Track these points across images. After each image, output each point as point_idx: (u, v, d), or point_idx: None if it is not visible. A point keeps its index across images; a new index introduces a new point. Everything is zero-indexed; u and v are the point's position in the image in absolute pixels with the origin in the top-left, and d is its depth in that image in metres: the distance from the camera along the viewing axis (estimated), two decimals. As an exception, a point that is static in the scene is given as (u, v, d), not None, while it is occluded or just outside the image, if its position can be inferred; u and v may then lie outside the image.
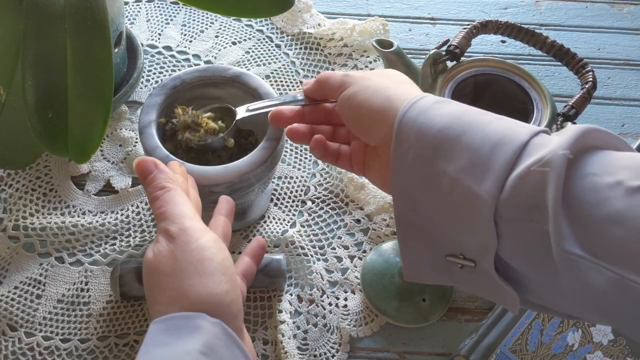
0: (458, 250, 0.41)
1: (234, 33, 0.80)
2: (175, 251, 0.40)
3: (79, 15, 0.49)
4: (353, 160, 0.50)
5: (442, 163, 0.40)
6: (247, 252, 0.52)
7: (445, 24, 0.84)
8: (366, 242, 0.64)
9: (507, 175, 0.37)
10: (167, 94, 0.58)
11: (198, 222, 0.42)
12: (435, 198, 0.40)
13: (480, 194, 0.37)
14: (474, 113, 0.41)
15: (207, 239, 0.41)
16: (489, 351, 0.55)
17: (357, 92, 0.46)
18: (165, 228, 0.42)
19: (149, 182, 0.45)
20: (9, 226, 0.63)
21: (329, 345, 0.58)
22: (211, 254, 0.41)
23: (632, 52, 0.82)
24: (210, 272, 0.40)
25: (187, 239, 0.41)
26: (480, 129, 0.39)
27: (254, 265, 0.51)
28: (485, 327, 0.57)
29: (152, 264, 0.41)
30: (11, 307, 0.58)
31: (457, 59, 0.62)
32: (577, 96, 0.59)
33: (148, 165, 0.45)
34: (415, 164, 0.41)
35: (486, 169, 0.38)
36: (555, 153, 0.35)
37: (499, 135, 0.39)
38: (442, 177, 0.39)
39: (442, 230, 0.42)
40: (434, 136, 0.40)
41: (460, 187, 0.39)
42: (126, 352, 0.56)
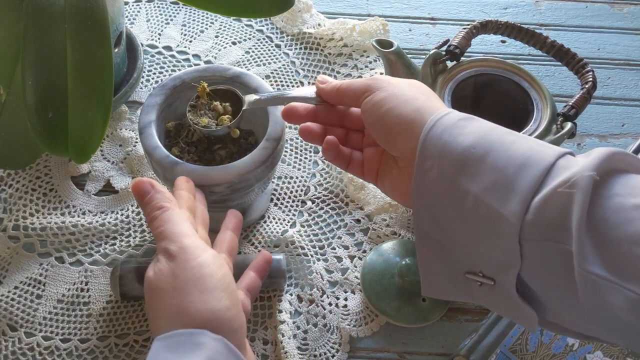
0: (478, 268, 0.41)
1: (234, 33, 0.80)
2: (175, 269, 0.41)
3: (79, 15, 0.49)
4: (365, 167, 0.49)
5: (466, 182, 0.40)
6: (252, 266, 0.52)
7: (445, 24, 0.84)
8: (366, 242, 0.64)
9: (532, 197, 0.37)
10: (167, 94, 0.58)
11: (197, 240, 0.43)
12: (457, 216, 0.40)
13: (504, 215, 0.37)
14: (499, 132, 0.41)
15: (206, 256, 0.42)
16: (489, 351, 0.55)
17: (385, 98, 0.45)
18: (164, 247, 0.42)
19: (146, 202, 0.45)
20: (9, 226, 0.63)
21: (329, 345, 0.58)
22: (211, 271, 0.41)
23: (632, 52, 0.82)
24: (211, 289, 0.40)
25: (187, 257, 0.41)
26: (505, 149, 0.40)
27: (259, 280, 0.51)
28: (485, 327, 0.57)
29: (153, 283, 0.41)
30: (11, 307, 0.58)
31: (457, 59, 0.62)
32: (577, 96, 0.59)
33: (144, 186, 0.46)
34: (439, 180, 0.41)
35: (511, 190, 0.38)
36: (582, 174, 0.35)
37: (524, 156, 0.39)
38: (466, 196, 0.40)
39: (462, 247, 0.42)
40: (458, 155, 0.40)
41: (484, 206, 0.39)
42: (126, 352, 0.56)
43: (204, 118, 0.55)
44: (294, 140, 0.71)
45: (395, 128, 0.44)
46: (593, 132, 0.74)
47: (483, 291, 0.42)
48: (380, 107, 0.45)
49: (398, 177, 0.46)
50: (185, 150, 0.61)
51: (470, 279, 0.42)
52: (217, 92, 0.57)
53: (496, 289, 0.41)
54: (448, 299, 0.46)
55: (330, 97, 0.50)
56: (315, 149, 0.71)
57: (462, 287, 0.43)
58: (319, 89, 0.51)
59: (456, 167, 0.40)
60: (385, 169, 0.48)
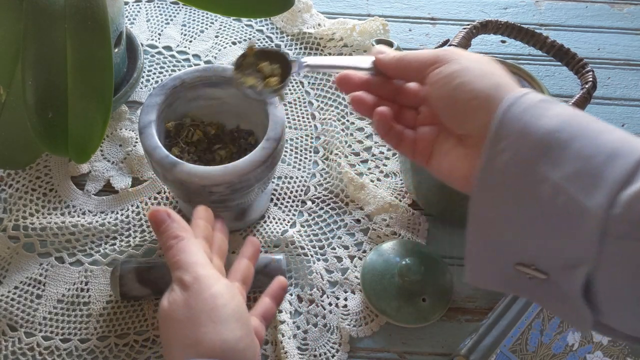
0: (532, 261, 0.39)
1: (234, 33, 0.80)
2: (189, 300, 0.41)
3: (79, 15, 0.49)
4: (418, 147, 0.46)
5: (546, 168, 0.37)
6: (268, 292, 0.51)
7: (445, 24, 0.84)
8: (366, 242, 0.64)
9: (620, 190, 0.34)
10: (167, 94, 0.58)
11: (211, 270, 0.44)
12: (528, 203, 0.38)
13: (587, 206, 0.35)
14: (585, 118, 0.39)
15: (220, 286, 0.42)
16: (489, 351, 0.55)
17: (458, 71, 0.42)
18: (179, 277, 0.43)
19: (162, 231, 0.46)
20: (9, 226, 0.63)
21: (329, 345, 0.58)
22: (224, 302, 0.42)
23: (632, 52, 0.82)
24: (224, 320, 0.41)
25: (201, 287, 0.42)
26: (593, 138, 0.37)
27: (275, 307, 0.51)
28: (485, 327, 0.57)
29: (167, 313, 0.42)
30: (11, 307, 0.58)
31: (457, 59, 0.62)
32: (577, 96, 0.59)
33: (161, 216, 0.46)
34: (513, 164, 0.38)
35: (598, 181, 0.35)
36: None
37: (613, 146, 0.36)
38: (543, 183, 0.37)
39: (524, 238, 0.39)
40: (540, 138, 0.37)
41: (563, 196, 0.36)
42: (126, 352, 0.56)
43: (250, 78, 0.51)
44: (294, 140, 0.71)
45: (469, 103, 0.41)
46: (593, 132, 0.74)
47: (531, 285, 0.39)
48: (453, 80, 0.42)
49: (459, 158, 0.43)
50: (185, 150, 0.61)
51: (520, 271, 0.39)
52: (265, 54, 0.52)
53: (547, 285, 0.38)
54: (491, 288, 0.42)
55: (389, 69, 0.46)
56: (315, 149, 0.71)
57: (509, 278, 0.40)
58: (378, 59, 0.46)
59: (536, 151, 0.37)
60: (442, 149, 0.45)
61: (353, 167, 0.69)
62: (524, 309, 0.57)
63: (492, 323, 0.57)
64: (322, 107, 0.74)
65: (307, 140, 0.71)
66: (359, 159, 0.70)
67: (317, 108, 0.74)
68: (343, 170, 0.67)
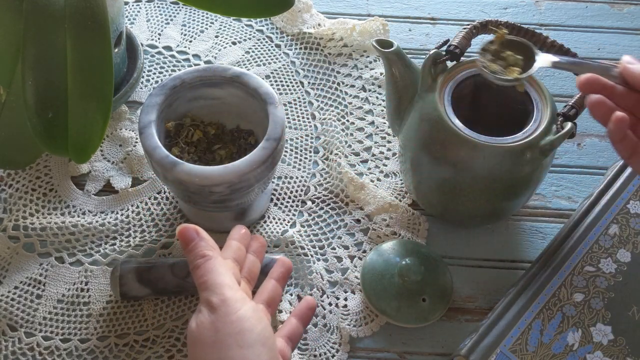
0: None
1: (234, 33, 0.80)
2: (216, 322, 0.42)
3: (79, 15, 0.49)
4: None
5: None
6: (296, 313, 0.51)
7: (445, 24, 0.84)
8: (366, 242, 0.64)
9: None
10: (167, 94, 0.58)
11: (238, 292, 0.44)
12: None
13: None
14: None
15: (246, 309, 0.42)
16: (489, 351, 0.55)
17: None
18: (207, 299, 0.43)
19: (190, 249, 0.46)
20: (9, 226, 0.63)
21: (329, 345, 0.58)
22: (251, 325, 0.42)
23: (632, 52, 0.82)
24: (250, 344, 0.41)
25: (228, 310, 0.42)
26: None
27: (302, 327, 0.51)
28: (485, 327, 0.57)
29: (195, 336, 0.42)
30: (11, 307, 0.58)
31: (457, 59, 0.62)
32: (577, 96, 0.59)
33: (190, 233, 0.46)
34: None
35: None
36: None
37: None
38: None
39: None
40: None
41: None
42: (126, 352, 0.56)
43: (494, 65, 0.53)
44: (294, 140, 0.71)
45: None
46: (593, 132, 0.74)
47: None
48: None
49: None
50: (185, 150, 0.61)
51: None
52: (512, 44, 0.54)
53: None
54: None
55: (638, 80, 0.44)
56: (315, 149, 0.71)
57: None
58: (626, 69, 0.44)
59: None
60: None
61: (353, 167, 0.69)
62: (524, 309, 0.57)
63: (492, 323, 0.57)
64: (322, 107, 0.74)
65: (307, 140, 0.71)
66: (359, 159, 0.70)
67: (317, 108, 0.74)
68: (343, 170, 0.67)
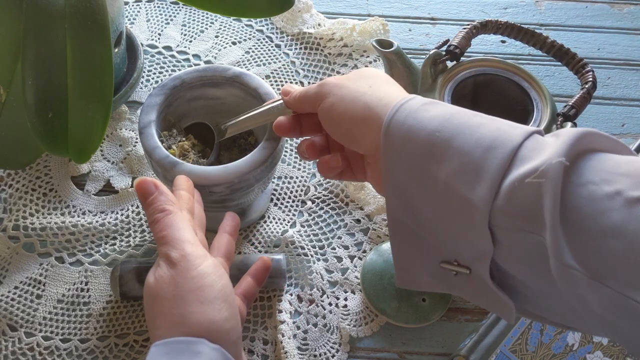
0: (452, 257, 0.40)
1: (234, 33, 0.80)
2: (176, 277, 0.41)
3: (79, 15, 0.49)
4: (354, 170, 0.49)
5: (434, 168, 0.38)
6: (251, 272, 0.51)
7: (445, 24, 0.84)
8: (366, 242, 0.64)
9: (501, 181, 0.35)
10: (167, 94, 0.58)
11: (198, 248, 0.43)
12: (428, 203, 0.40)
13: (473, 200, 0.36)
14: (464, 115, 0.40)
15: (207, 265, 0.42)
16: (489, 351, 0.55)
17: (334, 104, 0.45)
18: (166, 253, 0.42)
19: (149, 203, 0.44)
20: (9, 226, 0.63)
21: (329, 345, 0.58)
22: (211, 281, 0.41)
23: (632, 52, 0.82)
24: (210, 300, 0.40)
25: (188, 265, 0.41)
26: (471, 132, 0.38)
27: (256, 286, 0.51)
28: (485, 327, 0.57)
29: (153, 290, 0.41)
30: (11, 307, 0.58)
31: (457, 59, 0.62)
32: (577, 96, 0.59)
33: (148, 187, 0.45)
34: (407, 167, 0.40)
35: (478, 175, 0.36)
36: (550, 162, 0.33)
37: (490, 138, 0.37)
38: (435, 182, 0.38)
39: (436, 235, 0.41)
40: (424, 140, 0.39)
41: (452, 192, 0.37)
42: (126, 352, 0.56)
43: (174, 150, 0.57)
44: (294, 140, 0.71)
45: (352, 131, 0.44)
46: (593, 132, 0.74)
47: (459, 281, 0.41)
48: (332, 114, 0.45)
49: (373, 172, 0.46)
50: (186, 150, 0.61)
51: (446, 269, 0.41)
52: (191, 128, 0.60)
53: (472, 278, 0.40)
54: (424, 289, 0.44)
55: (296, 108, 0.50)
56: (315, 149, 0.71)
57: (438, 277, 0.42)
58: (285, 101, 0.51)
59: (422, 153, 0.39)
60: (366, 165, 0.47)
61: (353, 167, 0.69)
62: (524, 309, 0.57)
63: (492, 323, 0.57)
64: (322, 107, 0.74)
65: (307, 140, 0.71)
66: (359, 159, 0.70)
67: (317, 108, 0.74)
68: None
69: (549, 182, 0.33)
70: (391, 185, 0.42)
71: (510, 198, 0.35)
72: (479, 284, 0.39)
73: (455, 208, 0.38)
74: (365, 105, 0.43)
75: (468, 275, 0.40)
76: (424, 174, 0.39)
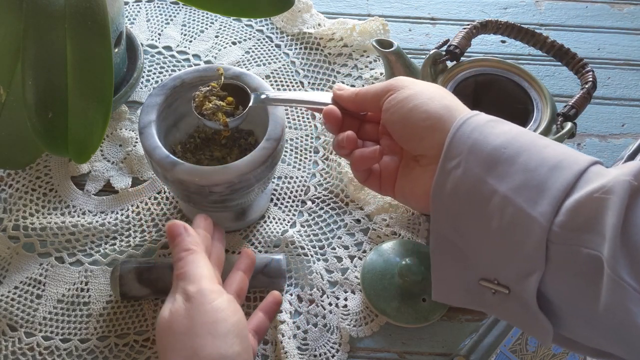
0: (493, 275, 0.41)
1: (234, 33, 0.80)
2: (191, 311, 0.42)
3: (79, 15, 0.49)
4: (383, 177, 0.48)
5: (494, 181, 0.39)
6: (262, 307, 0.52)
7: (445, 24, 0.84)
8: (366, 242, 0.64)
9: (564, 199, 0.36)
10: (167, 94, 0.58)
11: (214, 284, 0.44)
12: (480, 217, 0.40)
13: (533, 215, 0.37)
14: (531, 135, 0.41)
15: (222, 300, 0.43)
16: (489, 351, 0.55)
17: (410, 95, 0.45)
18: (183, 287, 0.43)
19: (176, 243, 0.47)
20: (9, 226, 0.63)
21: (329, 345, 0.58)
22: (225, 316, 0.42)
23: (632, 52, 0.82)
24: (223, 334, 0.41)
25: (203, 299, 0.42)
26: (537, 152, 0.39)
27: (267, 321, 0.52)
28: (485, 327, 0.57)
29: (167, 323, 0.42)
30: (11, 307, 0.58)
31: (457, 59, 0.62)
32: (577, 96, 0.59)
33: (178, 229, 0.48)
34: (464, 179, 0.40)
35: (542, 191, 0.37)
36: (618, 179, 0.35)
37: (557, 159, 0.38)
38: (492, 196, 0.39)
39: (481, 252, 0.41)
40: (488, 154, 0.40)
41: (511, 207, 0.38)
42: (126, 352, 0.56)
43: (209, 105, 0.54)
44: (294, 140, 0.71)
45: (422, 124, 0.44)
46: (593, 132, 0.74)
47: (496, 300, 0.41)
48: (407, 104, 0.45)
49: (416, 178, 0.45)
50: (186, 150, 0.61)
51: (484, 287, 0.41)
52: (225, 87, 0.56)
53: (510, 298, 0.40)
54: (459, 305, 0.44)
55: (348, 103, 0.50)
56: (315, 149, 0.71)
57: (475, 294, 0.42)
58: (337, 95, 0.50)
59: (484, 165, 0.40)
60: (403, 173, 0.47)
61: (353, 167, 0.69)
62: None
63: (492, 323, 0.57)
64: (322, 107, 0.74)
65: (307, 140, 0.71)
66: (359, 159, 0.70)
67: (317, 108, 0.74)
68: (343, 170, 0.67)
69: (615, 197, 0.34)
70: (442, 195, 0.42)
71: (572, 214, 0.36)
72: (516, 305, 0.40)
73: (511, 223, 0.38)
74: (445, 106, 0.44)
75: (506, 295, 0.40)
76: (481, 187, 0.40)
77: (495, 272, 0.41)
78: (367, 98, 0.48)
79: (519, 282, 0.39)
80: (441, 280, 0.44)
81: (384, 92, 0.47)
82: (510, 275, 0.40)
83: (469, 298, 0.43)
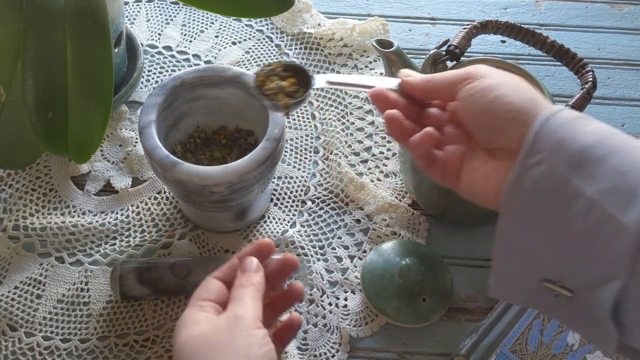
0: (558, 277, 0.39)
1: (234, 33, 0.80)
2: (234, 329, 0.42)
3: (79, 15, 0.49)
4: (448, 166, 0.46)
5: (580, 182, 0.37)
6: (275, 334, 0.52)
7: (445, 24, 0.84)
8: (366, 242, 0.64)
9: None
10: (167, 94, 0.58)
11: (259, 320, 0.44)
12: (560, 219, 0.38)
13: (623, 222, 0.35)
14: (622, 136, 0.39)
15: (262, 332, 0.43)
16: (489, 351, 0.55)
17: (492, 85, 0.43)
18: (235, 308, 0.44)
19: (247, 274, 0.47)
20: (9, 226, 0.63)
21: (329, 345, 0.58)
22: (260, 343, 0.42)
23: (632, 52, 0.82)
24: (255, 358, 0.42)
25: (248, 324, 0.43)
26: (630, 154, 0.37)
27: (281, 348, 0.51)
28: (485, 327, 0.57)
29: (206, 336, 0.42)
30: (11, 307, 0.58)
31: (457, 59, 0.62)
32: (577, 96, 0.59)
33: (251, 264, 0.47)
34: (546, 177, 0.38)
35: (635, 197, 0.35)
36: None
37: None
38: (577, 198, 0.37)
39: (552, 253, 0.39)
40: (575, 153, 0.38)
41: (598, 211, 0.36)
42: (126, 352, 0.56)
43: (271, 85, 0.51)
44: (294, 140, 0.71)
45: (505, 116, 0.41)
46: (593, 132, 0.74)
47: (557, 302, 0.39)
48: (488, 94, 0.42)
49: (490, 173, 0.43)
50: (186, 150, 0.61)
51: (547, 288, 0.39)
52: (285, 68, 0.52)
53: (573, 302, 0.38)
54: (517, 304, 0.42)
55: (417, 90, 0.47)
56: (315, 149, 0.71)
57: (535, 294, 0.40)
58: (405, 81, 0.47)
59: (570, 164, 0.37)
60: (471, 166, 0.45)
61: (353, 167, 0.69)
62: (524, 309, 0.57)
63: (492, 323, 0.57)
64: (322, 107, 0.74)
65: (307, 140, 0.71)
66: (359, 159, 0.70)
67: (317, 108, 0.74)
68: (343, 170, 0.67)
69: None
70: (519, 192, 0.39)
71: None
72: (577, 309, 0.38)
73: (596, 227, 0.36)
74: (530, 98, 0.42)
75: (569, 298, 0.38)
76: (565, 187, 0.37)
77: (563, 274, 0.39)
78: (440, 86, 0.46)
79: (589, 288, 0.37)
80: (503, 278, 0.42)
81: (460, 79, 0.44)
82: (579, 280, 0.38)
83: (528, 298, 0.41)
